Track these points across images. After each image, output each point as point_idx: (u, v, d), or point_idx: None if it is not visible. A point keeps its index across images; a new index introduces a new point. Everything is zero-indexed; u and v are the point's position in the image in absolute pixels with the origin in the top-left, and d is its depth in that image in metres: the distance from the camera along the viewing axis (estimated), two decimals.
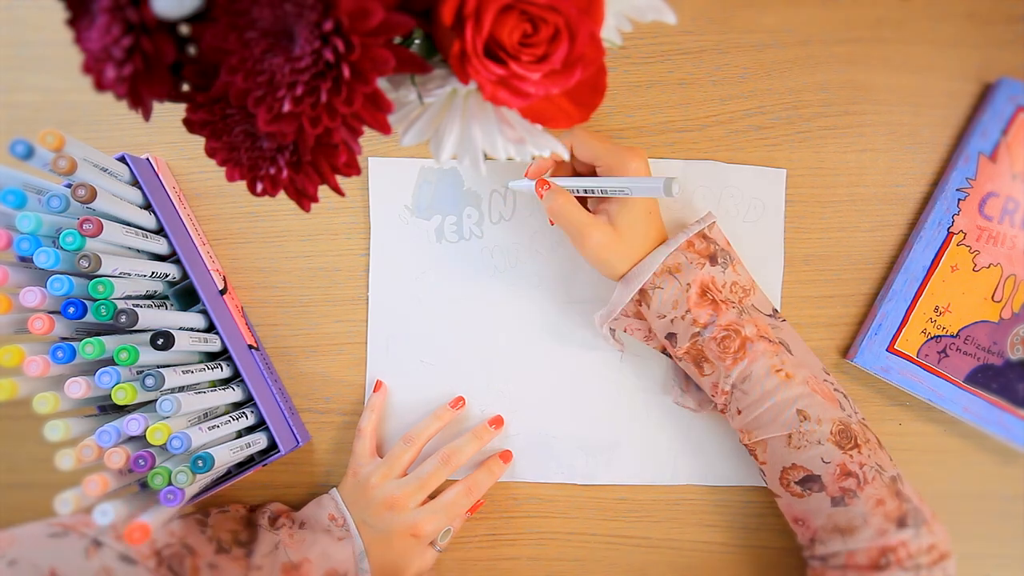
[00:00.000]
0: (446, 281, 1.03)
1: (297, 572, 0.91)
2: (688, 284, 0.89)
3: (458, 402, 1.03)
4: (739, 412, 0.91)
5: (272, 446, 0.96)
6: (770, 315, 0.94)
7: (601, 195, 0.88)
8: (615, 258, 0.92)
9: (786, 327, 0.94)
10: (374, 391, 1.03)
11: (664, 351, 0.99)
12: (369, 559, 0.94)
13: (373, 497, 0.95)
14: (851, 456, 0.85)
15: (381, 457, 1.01)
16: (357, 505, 0.97)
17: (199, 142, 0.57)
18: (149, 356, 0.81)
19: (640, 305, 0.94)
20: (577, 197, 0.91)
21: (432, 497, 0.98)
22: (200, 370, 0.88)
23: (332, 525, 0.95)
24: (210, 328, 0.95)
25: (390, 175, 1.02)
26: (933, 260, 0.98)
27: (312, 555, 0.92)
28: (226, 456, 0.84)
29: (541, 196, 0.92)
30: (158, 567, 0.85)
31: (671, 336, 0.93)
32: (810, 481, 0.87)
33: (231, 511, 0.98)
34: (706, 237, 0.93)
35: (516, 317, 1.03)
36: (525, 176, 0.95)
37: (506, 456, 1.03)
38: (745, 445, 0.93)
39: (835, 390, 0.90)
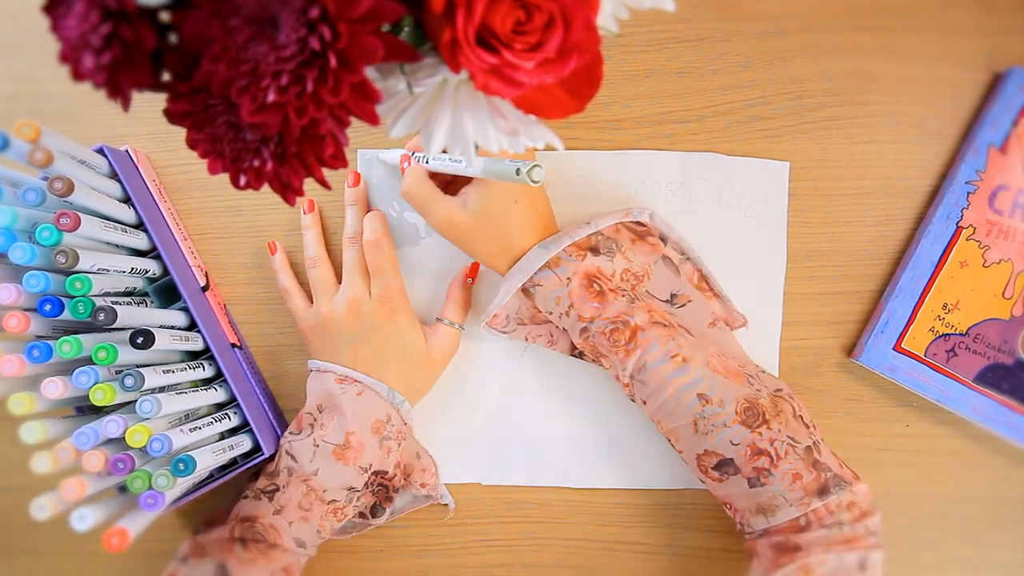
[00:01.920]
0: (435, 275, 1.03)
1: (348, 447, 0.92)
2: (568, 278, 0.90)
3: (312, 205, 1.02)
4: (644, 403, 0.92)
5: (256, 448, 0.96)
6: (667, 300, 0.96)
7: (439, 169, 0.91)
8: (474, 247, 0.93)
9: (687, 310, 0.95)
10: (271, 253, 1.03)
11: (573, 354, 1.00)
12: (392, 381, 0.96)
13: (338, 320, 0.96)
14: (760, 434, 0.85)
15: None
16: (336, 343, 0.97)
17: (180, 133, 0.57)
18: (128, 355, 0.82)
19: (533, 305, 0.96)
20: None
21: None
22: (181, 370, 0.88)
23: (345, 387, 0.95)
24: (191, 326, 0.95)
25: (379, 167, 1.03)
26: (941, 256, 0.98)
27: (350, 426, 0.93)
28: (208, 459, 0.85)
29: (403, 173, 0.94)
30: None
31: (566, 332, 0.95)
32: (725, 465, 0.87)
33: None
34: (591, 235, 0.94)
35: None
36: (404, 146, 0.98)
37: (364, 202, 1.03)
38: (664, 435, 0.94)
39: (741, 367, 0.90)
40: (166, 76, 0.55)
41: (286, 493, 0.92)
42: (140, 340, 0.81)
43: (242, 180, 0.57)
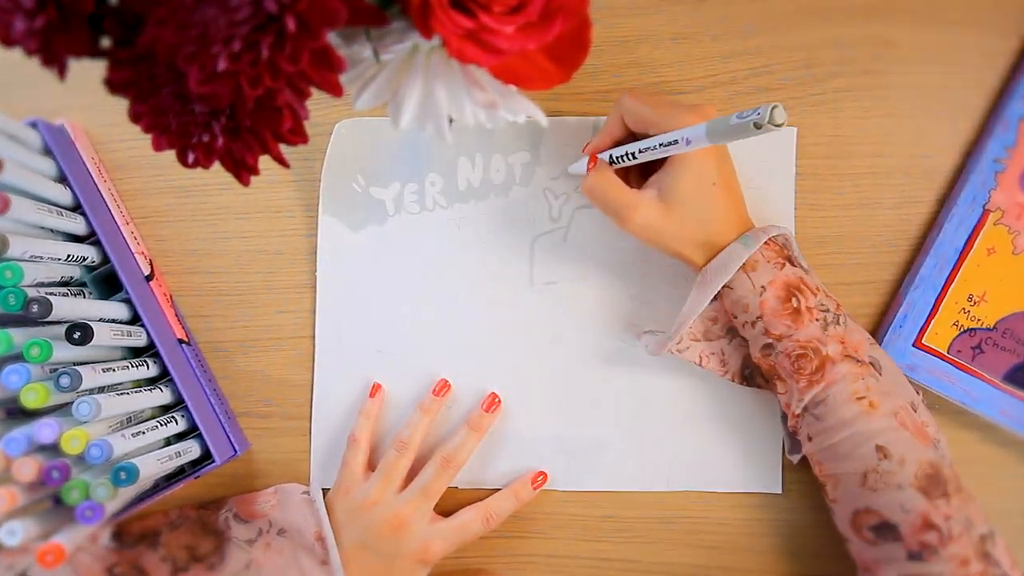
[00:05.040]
0: (405, 258, 1.04)
1: None
2: (763, 286, 0.88)
3: (443, 387, 1.03)
4: (809, 439, 0.90)
5: (206, 455, 0.96)
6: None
7: (650, 157, 0.86)
8: (669, 239, 0.90)
9: (879, 348, 0.92)
10: (370, 395, 1.03)
11: (744, 382, 0.98)
12: None
13: (375, 517, 0.96)
14: (936, 506, 0.82)
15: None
16: (354, 526, 0.97)
17: (122, 106, 0.57)
18: (64, 352, 0.82)
19: (718, 308, 0.94)
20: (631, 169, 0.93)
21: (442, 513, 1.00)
22: (123, 368, 0.88)
23: (317, 546, 0.96)
24: (134, 320, 0.95)
25: (350, 139, 1.03)
26: (966, 242, 0.98)
27: None
28: (153, 467, 0.85)
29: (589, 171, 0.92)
30: None
31: (738, 349, 0.94)
32: (885, 529, 0.84)
33: (182, 524, 0.98)
34: (784, 242, 0.92)
35: (486, 298, 1.04)
36: (584, 151, 0.96)
37: (539, 479, 1.02)
38: (816, 478, 0.92)
39: (926, 426, 0.87)
40: (106, 42, 0.55)
41: None
42: (77, 335, 0.81)
43: (190, 157, 0.58)
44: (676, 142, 0.80)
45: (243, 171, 0.58)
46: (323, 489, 1.02)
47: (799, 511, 1.02)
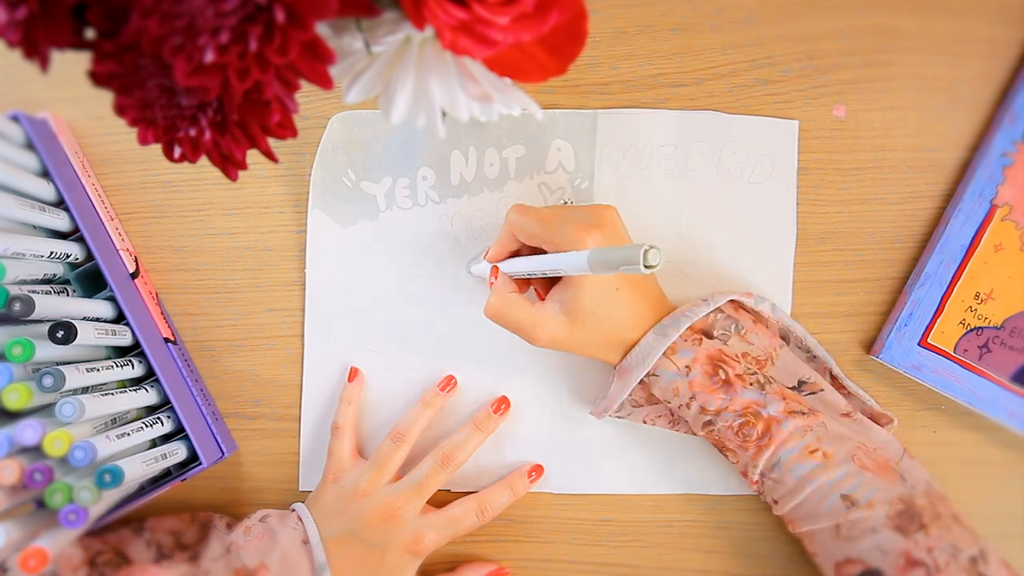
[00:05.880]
0: (397, 255, 1.04)
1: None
2: (687, 366, 0.88)
3: (448, 382, 1.02)
4: (775, 502, 0.91)
5: (192, 457, 0.96)
6: (794, 388, 0.93)
7: (541, 276, 0.88)
8: (579, 348, 0.91)
9: (817, 399, 0.93)
10: (348, 380, 1.02)
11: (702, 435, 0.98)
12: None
13: (365, 506, 0.95)
14: (916, 541, 0.82)
15: (364, 459, 1.01)
16: (343, 516, 0.95)
17: (106, 99, 0.57)
18: (47, 351, 0.82)
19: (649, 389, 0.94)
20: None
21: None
22: (107, 368, 0.88)
23: (302, 553, 0.93)
24: (119, 318, 0.95)
25: (341, 133, 1.03)
26: (973, 238, 0.98)
27: (271, 560, 0.92)
28: (138, 469, 0.85)
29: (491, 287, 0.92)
30: None
31: (684, 422, 0.94)
32: (871, 575, 0.84)
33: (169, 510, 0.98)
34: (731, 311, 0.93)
35: (479, 297, 1.04)
36: (484, 258, 0.96)
37: (536, 471, 1.02)
38: (793, 535, 0.92)
39: (889, 459, 0.88)
40: (90, 33, 0.55)
41: (167, 568, 0.91)
42: (60, 334, 0.81)
43: (176, 151, 0.58)
44: (561, 269, 0.81)
45: (231, 166, 0.58)
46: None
47: None
